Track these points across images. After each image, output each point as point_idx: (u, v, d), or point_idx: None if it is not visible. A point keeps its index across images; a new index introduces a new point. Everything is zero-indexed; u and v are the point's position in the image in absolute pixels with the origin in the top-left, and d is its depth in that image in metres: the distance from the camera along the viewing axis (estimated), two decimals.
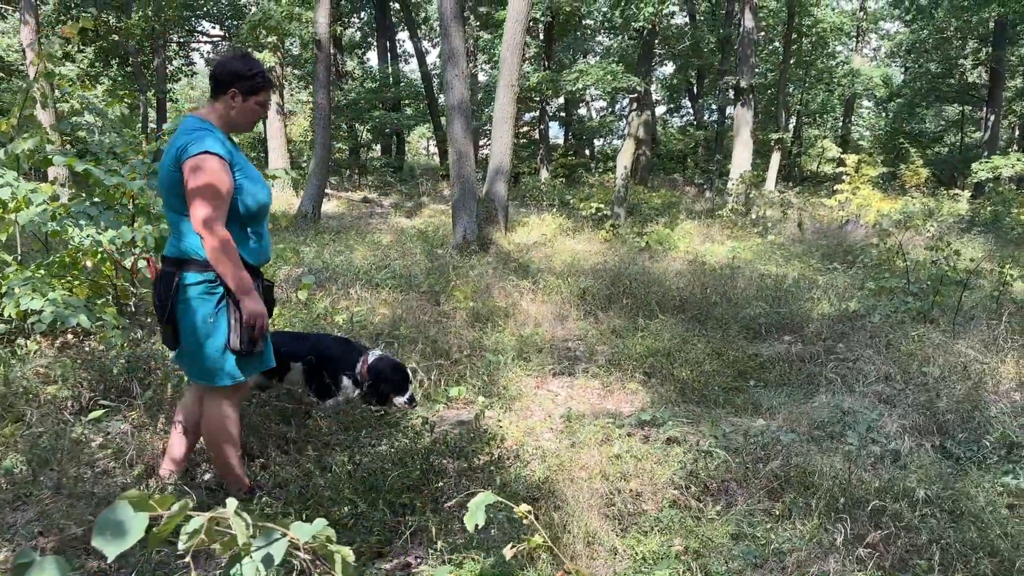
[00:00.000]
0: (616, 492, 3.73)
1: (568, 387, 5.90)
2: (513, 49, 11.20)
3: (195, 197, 3.08)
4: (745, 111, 18.69)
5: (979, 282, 8.95)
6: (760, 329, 7.36)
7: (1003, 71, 22.59)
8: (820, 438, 4.69)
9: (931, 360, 5.98)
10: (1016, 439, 4.56)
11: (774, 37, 28.33)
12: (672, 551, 3.21)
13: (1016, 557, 3.12)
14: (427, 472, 3.70)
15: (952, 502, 3.59)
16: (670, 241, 12.90)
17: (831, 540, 3.24)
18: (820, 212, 17.34)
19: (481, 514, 2.23)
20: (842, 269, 10.77)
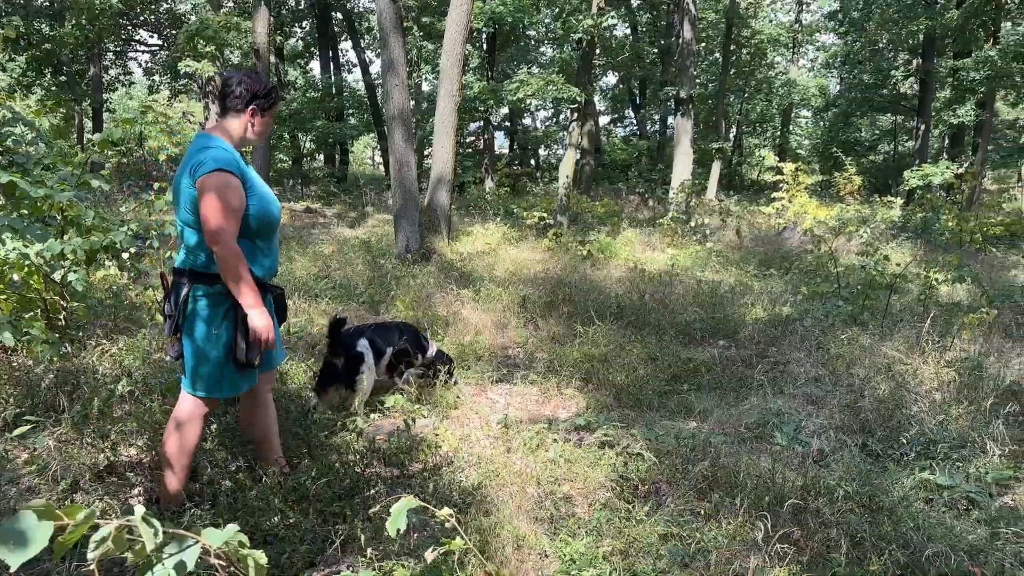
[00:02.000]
0: (548, 496, 3.78)
1: (507, 394, 5.94)
2: (453, 59, 11.24)
3: (208, 213, 3.16)
4: (686, 121, 19.01)
5: (907, 286, 9.24)
6: (695, 334, 7.50)
7: (932, 82, 23.33)
8: (749, 439, 4.81)
9: (858, 362, 6.16)
10: (934, 436, 4.73)
11: (714, 48, 28.89)
12: (600, 552, 3.27)
13: (926, 547, 3.24)
14: (358, 481, 3.71)
15: (870, 498, 3.71)
16: (611, 249, 13.04)
17: (753, 537, 3.33)
18: (758, 220, 17.70)
19: (402, 519, 2.26)
20: (778, 275, 11.03)
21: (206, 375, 3.37)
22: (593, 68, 20.69)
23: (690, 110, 18.99)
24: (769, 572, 3.13)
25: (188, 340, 3.37)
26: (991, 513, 3.89)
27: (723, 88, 24.77)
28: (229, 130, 3.44)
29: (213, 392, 3.41)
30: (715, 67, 28.60)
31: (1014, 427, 4.93)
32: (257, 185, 3.43)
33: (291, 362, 5.47)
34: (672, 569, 3.24)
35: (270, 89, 3.49)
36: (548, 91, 16.27)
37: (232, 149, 3.38)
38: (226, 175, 3.21)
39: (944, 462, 4.43)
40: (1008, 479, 4.31)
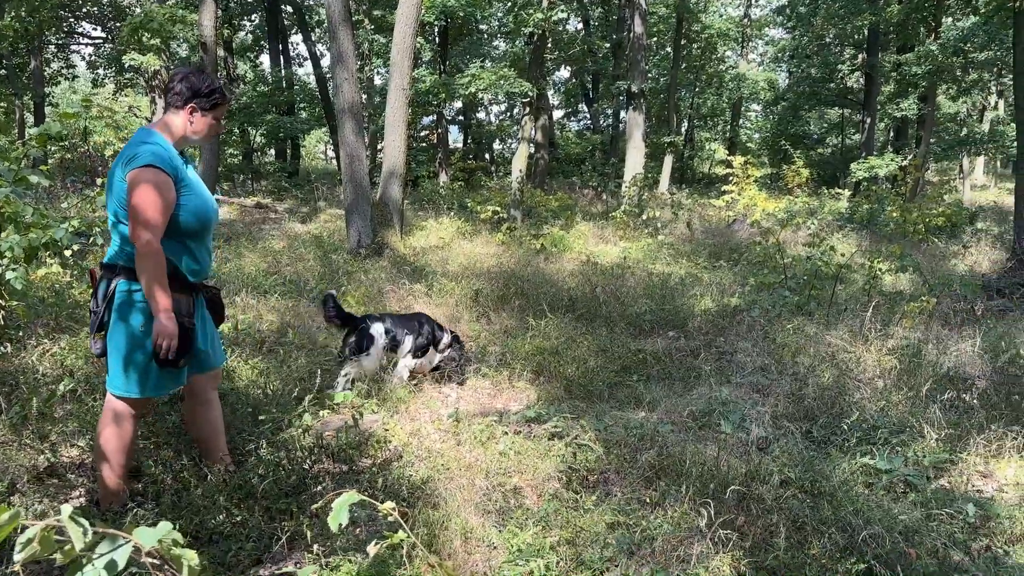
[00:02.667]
0: (497, 488, 3.80)
1: (459, 388, 5.95)
2: (404, 52, 11.19)
3: (134, 209, 3.12)
4: (637, 115, 19.13)
5: (853, 276, 9.45)
6: (645, 326, 7.58)
7: (877, 76, 23.80)
8: (696, 428, 4.89)
9: (803, 351, 6.29)
10: (875, 422, 4.86)
11: (665, 43, 29.11)
12: (547, 543, 3.30)
13: (864, 530, 3.33)
14: (305, 477, 3.69)
15: (811, 483, 3.80)
16: (565, 243, 13.10)
17: (697, 524, 3.38)
18: (709, 212, 17.91)
19: (344, 514, 2.26)
20: (727, 267, 11.20)
21: (134, 374, 3.30)
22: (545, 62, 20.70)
23: (642, 104, 19.11)
24: (712, 558, 3.19)
25: (115, 337, 3.29)
26: (927, 495, 4.01)
27: (674, 82, 24.99)
28: (170, 126, 3.39)
29: (139, 391, 3.33)
30: (666, 61, 28.82)
31: (950, 412, 5.08)
32: (192, 185, 3.37)
33: (238, 360, 5.41)
34: (618, 557, 3.28)
35: (213, 89, 3.42)
36: (500, 85, 16.26)
37: (169, 146, 3.33)
38: (157, 171, 3.16)
39: (884, 447, 4.55)
40: (944, 462, 4.45)
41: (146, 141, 3.26)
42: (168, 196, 3.20)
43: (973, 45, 19.06)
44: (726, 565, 3.15)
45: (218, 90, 3.44)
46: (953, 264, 12.05)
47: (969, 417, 4.97)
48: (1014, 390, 5.37)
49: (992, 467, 4.42)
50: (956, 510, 3.85)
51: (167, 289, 3.22)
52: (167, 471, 3.73)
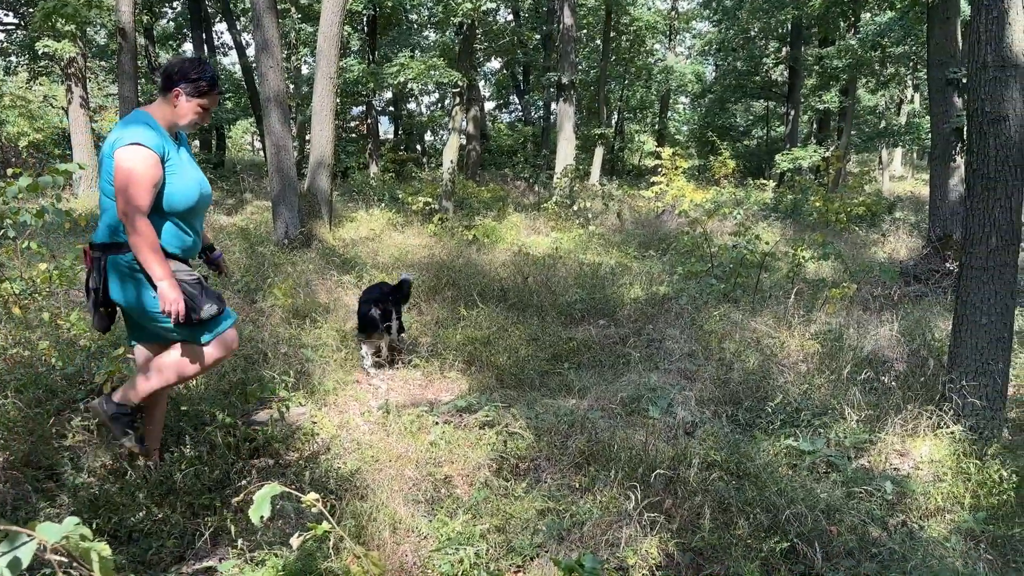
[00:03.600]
0: (427, 478, 3.77)
1: (389, 379, 5.90)
2: (330, 40, 10.99)
3: (120, 186, 3.23)
4: (568, 107, 19.20)
5: (777, 264, 9.66)
6: (576, 314, 7.63)
7: (800, 70, 24.38)
8: (625, 414, 4.93)
9: (729, 337, 6.41)
10: (798, 405, 4.97)
11: (595, 35, 29.29)
12: (478, 530, 3.28)
13: (787, 509, 3.41)
14: (229, 472, 3.60)
15: (737, 465, 3.87)
16: (497, 233, 13.09)
17: (626, 508, 3.41)
18: (639, 203, 18.12)
19: (266, 506, 2.21)
20: (656, 256, 11.33)
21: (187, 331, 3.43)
22: (475, 53, 20.63)
23: (572, 96, 19.19)
24: (641, 541, 3.21)
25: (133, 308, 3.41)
26: (848, 475, 4.12)
27: (604, 74, 25.16)
28: (160, 109, 3.50)
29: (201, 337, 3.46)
30: (596, 53, 29.00)
31: (870, 394, 5.23)
32: (182, 165, 3.47)
33: None
34: (548, 543, 3.29)
35: (200, 77, 3.48)
36: (430, 75, 16.13)
37: (159, 126, 3.43)
38: (144, 150, 3.26)
39: (807, 429, 4.67)
40: (864, 442, 4.58)
41: (136, 122, 3.37)
42: (153, 173, 3.29)
43: (890, 39, 19.67)
44: (654, 547, 3.18)
45: (206, 78, 3.50)
46: (873, 252, 12.43)
47: (887, 398, 5.12)
48: (928, 371, 5.56)
49: (908, 446, 4.57)
50: (875, 488, 3.98)
51: (163, 258, 3.30)
52: (87, 470, 3.59)
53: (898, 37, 19.37)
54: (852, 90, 23.11)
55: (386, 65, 18.34)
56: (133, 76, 13.84)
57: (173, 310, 3.31)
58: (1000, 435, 4.64)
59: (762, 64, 27.61)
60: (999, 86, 4.62)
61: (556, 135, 19.83)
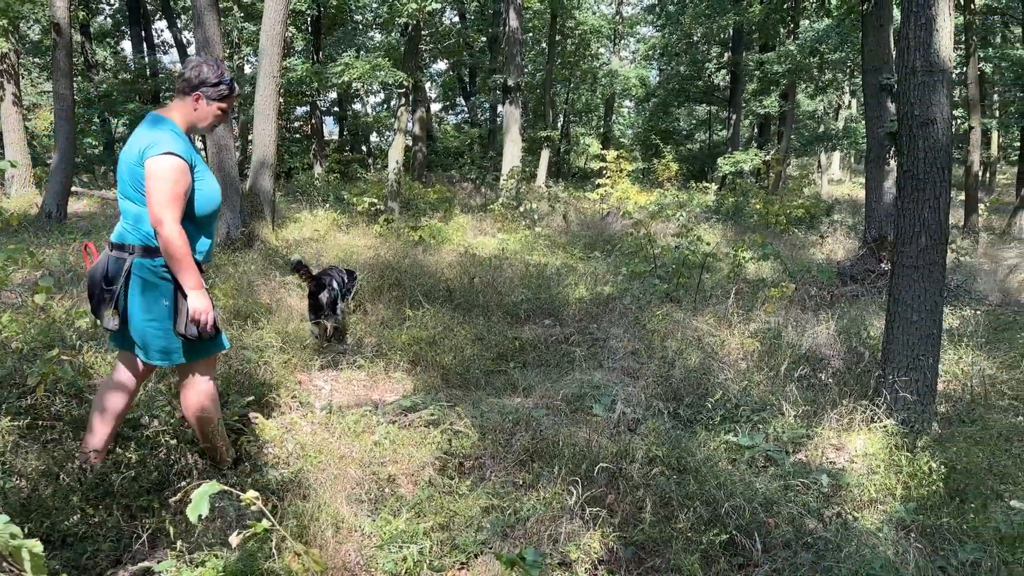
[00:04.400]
0: (370, 477, 3.75)
1: (333, 380, 5.85)
2: (273, 39, 10.87)
3: (155, 195, 3.25)
4: (514, 109, 19.28)
5: (718, 264, 9.83)
6: (522, 314, 7.66)
7: (741, 74, 24.87)
8: (570, 411, 4.97)
9: (671, 335, 6.50)
10: (738, 401, 5.07)
11: (540, 38, 29.45)
12: (422, 528, 3.28)
13: (726, 502, 3.48)
14: (168, 474, 3.53)
15: (677, 460, 3.93)
16: (443, 234, 13.07)
17: (569, 504, 3.44)
18: (584, 205, 18.27)
19: (204, 505, 2.18)
20: (601, 257, 11.44)
21: (166, 344, 3.45)
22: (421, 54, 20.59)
23: (518, 98, 19.27)
24: (583, 536, 3.25)
25: (142, 316, 3.41)
26: (786, 469, 4.22)
27: (550, 77, 25.32)
28: (179, 113, 3.52)
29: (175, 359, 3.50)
30: (542, 56, 29.15)
31: (807, 390, 5.37)
32: (204, 172, 3.52)
33: (96, 355, 5.12)
34: (492, 540, 3.30)
35: (221, 81, 3.54)
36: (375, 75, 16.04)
37: (182, 132, 3.48)
38: (175, 159, 3.29)
39: (746, 424, 4.76)
40: (801, 437, 4.70)
41: (162, 128, 3.39)
42: (186, 182, 3.34)
43: (827, 46, 20.18)
44: (596, 541, 3.22)
45: (226, 82, 3.57)
46: (811, 253, 12.72)
47: (824, 394, 5.26)
48: (863, 367, 5.72)
49: (844, 440, 4.70)
50: (811, 481, 4.08)
51: (195, 268, 3.39)
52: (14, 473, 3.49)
53: (835, 44, 19.88)
54: (791, 95, 23.64)
55: (330, 65, 18.18)
56: (68, 73, 13.47)
57: (204, 319, 3.40)
58: (930, 428, 4.79)
59: (705, 69, 28.10)
60: (927, 91, 4.78)
61: (503, 137, 19.89)
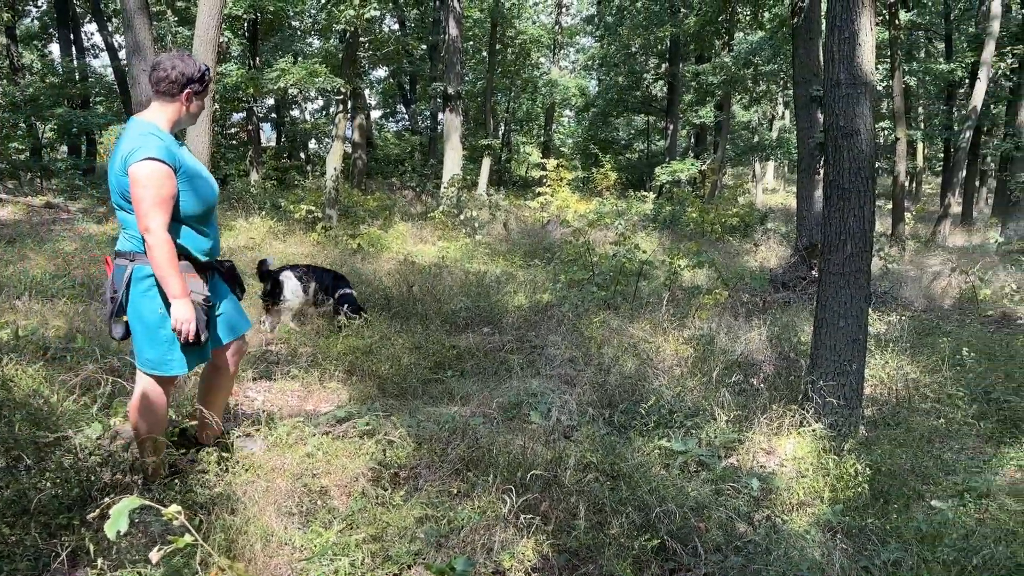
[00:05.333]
0: (302, 490, 3.69)
1: (266, 391, 5.76)
2: (207, 44, 10.66)
3: (139, 202, 3.30)
4: (455, 117, 19.27)
5: (655, 272, 9.97)
6: (461, 322, 7.65)
7: (678, 85, 25.30)
8: (506, 419, 4.98)
9: (608, 342, 6.57)
10: (671, 407, 5.14)
11: (481, 47, 29.52)
12: (353, 540, 3.24)
13: (658, 507, 3.52)
14: (91, 490, 3.43)
15: (611, 466, 3.96)
16: (383, 242, 12.99)
17: (504, 512, 3.44)
18: (525, 213, 18.36)
19: (124, 520, 2.13)
20: (541, 265, 11.50)
21: (161, 352, 3.55)
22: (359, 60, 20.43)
23: (458, 106, 19.27)
24: (517, 544, 3.25)
25: (139, 319, 3.52)
26: (717, 473, 4.28)
27: (490, 86, 25.39)
28: (164, 114, 3.53)
29: (168, 369, 3.60)
30: (482, 65, 29.23)
31: (739, 395, 5.46)
32: (193, 169, 3.54)
33: (17, 367, 4.95)
34: (426, 550, 3.28)
35: (203, 74, 3.58)
36: (312, 80, 15.87)
37: (166, 135, 3.48)
38: (157, 163, 3.31)
39: (679, 429, 4.83)
40: (733, 442, 4.78)
41: (143, 133, 3.40)
42: (170, 186, 3.37)
43: (761, 58, 20.66)
44: (530, 549, 3.22)
45: (206, 73, 3.61)
46: (745, 260, 12.99)
47: (755, 399, 5.36)
48: (793, 372, 5.85)
49: (774, 444, 4.80)
50: (742, 485, 4.15)
51: (180, 275, 3.42)
52: None
53: (768, 56, 20.36)
54: (727, 106, 24.11)
55: (267, 71, 17.92)
56: None
57: (184, 329, 3.45)
58: (857, 432, 4.92)
59: (643, 79, 28.49)
60: (851, 102, 4.92)
61: (443, 145, 19.86)
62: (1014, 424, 5.58)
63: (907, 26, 19.67)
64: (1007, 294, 10.06)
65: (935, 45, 27.55)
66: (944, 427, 5.48)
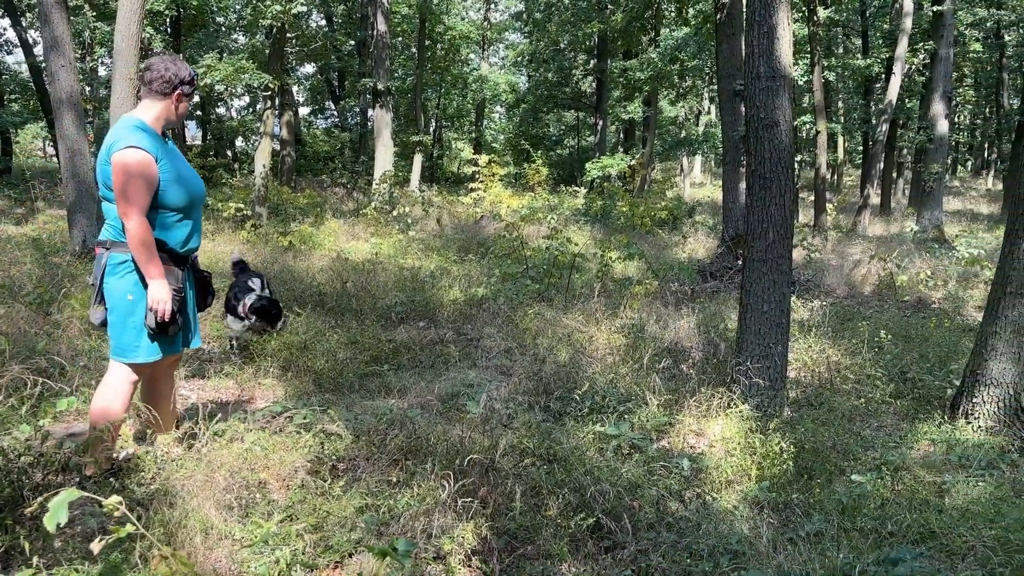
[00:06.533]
0: (241, 483, 3.70)
1: (200, 389, 5.70)
2: (129, 40, 10.41)
3: (119, 188, 3.49)
4: (385, 113, 19.19)
5: (587, 265, 10.13)
6: (396, 317, 7.67)
7: (607, 81, 25.63)
8: (444, 410, 5.04)
9: (543, 333, 6.68)
10: (605, 393, 5.27)
11: (410, 42, 29.42)
12: (293, 531, 3.27)
13: (592, 487, 3.63)
14: (23, 490, 3.37)
15: (547, 450, 4.06)
16: (315, 239, 12.88)
17: (443, 498, 3.51)
18: (458, 209, 18.38)
19: (63, 512, 2.12)
20: (475, 259, 11.56)
21: (130, 340, 3.71)
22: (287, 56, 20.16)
23: (388, 102, 19.20)
24: (456, 528, 3.32)
25: (110, 306, 3.69)
26: (650, 455, 4.42)
27: (420, 82, 25.32)
28: (152, 112, 3.72)
29: (136, 356, 3.73)
30: (412, 61, 29.14)
31: (669, 380, 5.63)
32: (173, 163, 3.69)
33: None
34: (367, 538, 3.32)
35: (193, 76, 3.85)
36: (239, 77, 15.62)
37: (151, 129, 3.66)
38: (139, 152, 3.50)
39: (613, 414, 4.96)
40: (664, 425, 4.94)
41: (128, 126, 3.60)
42: (149, 174, 3.54)
43: (686, 54, 21.08)
44: (469, 532, 3.29)
45: (194, 74, 3.87)
46: (674, 252, 13.27)
47: (685, 384, 5.53)
48: (720, 357, 6.05)
49: (703, 426, 4.97)
50: (673, 465, 4.30)
51: (157, 259, 3.59)
52: None
53: (693, 51, 20.80)
54: (654, 101, 24.51)
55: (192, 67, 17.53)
56: None
57: (160, 308, 3.61)
58: (781, 412, 5.13)
59: (571, 75, 28.79)
60: (771, 95, 5.11)
61: (374, 141, 19.76)
62: (927, 401, 5.89)
63: (825, 22, 20.29)
64: (922, 280, 10.52)
65: (852, 41, 28.48)
66: (864, 406, 5.74)
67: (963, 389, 5.46)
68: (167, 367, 4.11)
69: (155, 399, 4.15)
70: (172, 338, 3.84)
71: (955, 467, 4.64)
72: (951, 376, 6.16)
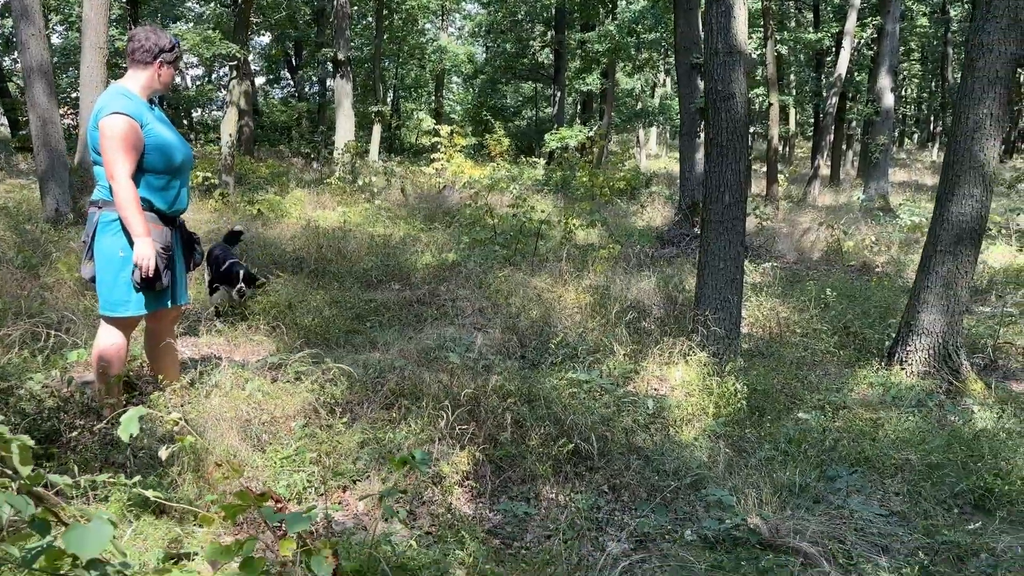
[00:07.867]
0: (254, 419, 4.07)
1: (193, 346, 6.01)
2: (97, 8, 10.52)
3: (105, 152, 3.72)
4: (345, 83, 19.28)
5: (551, 232, 10.56)
6: (373, 280, 8.03)
7: (565, 53, 25.94)
8: (428, 361, 5.45)
9: (514, 293, 7.10)
10: (575, 345, 5.73)
11: (367, 12, 29.34)
12: (307, 458, 3.66)
13: (568, 418, 4.09)
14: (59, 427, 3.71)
15: (527, 391, 4.50)
16: (282, 208, 13.08)
17: (439, 429, 3.93)
18: (421, 179, 18.63)
19: (135, 424, 2.48)
20: (442, 228, 11.90)
21: (119, 295, 3.91)
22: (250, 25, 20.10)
23: (348, 72, 19.29)
24: (452, 454, 3.75)
25: (100, 263, 3.89)
26: (618, 397, 4.89)
27: (379, 52, 25.37)
28: (138, 80, 3.94)
29: (124, 310, 3.94)
30: (370, 31, 29.10)
31: (634, 333, 6.10)
32: (158, 129, 3.90)
33: None
34: (371, 466, 3.74)
35: (175, 45, 4.02)
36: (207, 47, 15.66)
37: (135, 96, 3.88)
38: (123, 117, 3.71)
39: (583, 363, 5.41)
40: (630, 372, 5.41)
41: (113, 93, 3.83)
42: (134, 138, 3.75)
43: (643, 26, 21.47)
44: (464, 458, 3.72)
45: (177, 44, 4.06)
46: (633, 221, 13.76)
47: (647, 336, 6.01)
48: (679, 313, 6.54)
49: (665, 372, 5.45)
50: (639, 405, 4.77)
51: (142, 218, 3.78)
52: None
53: (651, 24, 21.19)
54: (612, 73, 24.91)
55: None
56: None
57: (144, 265, 3.79)
58: (736, 358, 5.63)
59: (529, 47, 29.00)
60: (728, 69, 5.56)
61: (334, 112, 19.86)
62: (867, 352, 6.46)
63: None
64: (867, 246, 11.17)
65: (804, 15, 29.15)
66: (810, 356, 6.30)
67: (898, 339, 6.03)
68: (168, 322, 4.36)
69: (160, 352, 4.39)
70: (160, 293, 4.04)
71: (889, 406, 5.21)
72: (889, 329, 6.73)
